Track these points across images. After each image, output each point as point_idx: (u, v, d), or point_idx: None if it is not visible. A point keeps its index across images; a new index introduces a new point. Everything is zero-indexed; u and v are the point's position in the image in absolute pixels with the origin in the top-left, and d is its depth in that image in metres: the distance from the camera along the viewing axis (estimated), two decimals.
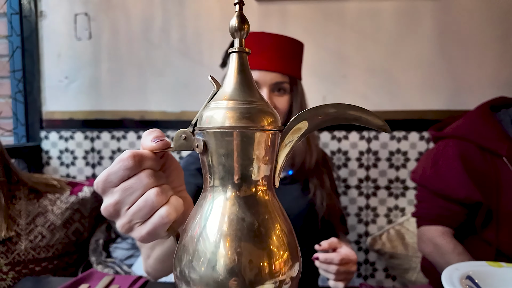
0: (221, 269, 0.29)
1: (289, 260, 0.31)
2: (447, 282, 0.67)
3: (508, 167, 1.00)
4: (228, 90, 0.33)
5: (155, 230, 0.32)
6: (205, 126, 0.32)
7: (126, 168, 0.32)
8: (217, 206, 0.32)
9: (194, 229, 0.32)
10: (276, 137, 0.33)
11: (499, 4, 1.40)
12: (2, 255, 1.12)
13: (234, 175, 0.32)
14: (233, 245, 0.29)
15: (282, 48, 0.88)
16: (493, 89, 1.34)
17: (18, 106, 1.53)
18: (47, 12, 1.54)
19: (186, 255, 0.31)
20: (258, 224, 0.31)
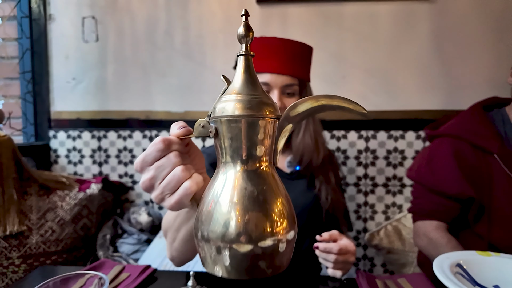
0: (232, 228, 0.35)
1: (286, 223, 0.37)
2: (438, 269, 0.71)
3: (500, 164, 1.03)
4: (237, 86, 0.39)
5: (181, 199, 0.40)
6: (217, 115, 0.39)
7: (158, 150, 0.40)
8: (228, 178, 0.38)
9: (210, 197, 0.39)
10: (274, 123, 0.39)
11: (493, 7, 1.44)
12: (15, 248, 1.17)
13: (241, 154, 0.38)
14: (241, 209, 0.36)
15: (292, 52, 0.92)
16: (488, 90, 1.39)
17: (27, 106, 1.58)
18: (55, 16, 1.59)
19: (205, 217, 0.38)
20: (258, 192, 0.37)
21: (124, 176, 1.60)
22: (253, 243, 0.35)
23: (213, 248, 0.36)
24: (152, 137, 1.58)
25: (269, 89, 0.91)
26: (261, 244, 0.35)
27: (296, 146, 0.98)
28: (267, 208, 0.37)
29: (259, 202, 0.37)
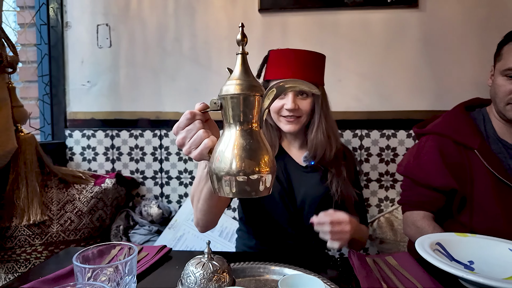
0: (233, 167, 0.53)
1: (265, 165, 0.54)
2: (419, 246, 0.82)
3: (480, 159, 1.12)
4: (235, 74, 0.56)
5: (202, 151, 0.61)
6: (223, 94, 0.55)
7: (187, 119, 0.62)
8: (230, 136, 0.55)
9: (219, 148, 0.56)
10: (260, 99, 0.56)
11: (477, 15, 1.56)
12: (37, 236, 1.27)
13: (238, 120, 0.55)
14: (238, 155, 0.53)
15: (304, 61, 1.03)
16: (472, 92, 1.50)
17: (45, 107, 1.70)
18: (72, 23, 1.71)
19: (216, 160, 0.55)
20: (248, 144, 0.54)
21: (135, 172, 1.71)
22: (245, 176, 0.53)
23: (222, 179, 0.54)
24: (162, 136, 1.69)
25: (285, 93, 1.02)
26: (250, 177, 0.53)
27: (310, 142, 1.08)
28: (254, 154, 0.54)
29: (249, 150, 0.54)
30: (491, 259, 0.82)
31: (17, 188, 1.25)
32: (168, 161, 1.70)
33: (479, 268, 0.79)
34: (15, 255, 1.25)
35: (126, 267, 0.60)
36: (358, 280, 0.73)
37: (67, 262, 0.80)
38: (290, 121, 1.05)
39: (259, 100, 0.55)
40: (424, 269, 0.78)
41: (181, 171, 1.70)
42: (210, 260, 0.63)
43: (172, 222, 1.55)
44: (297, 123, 1.06)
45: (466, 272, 0.68)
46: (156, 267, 0.82)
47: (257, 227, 1.12)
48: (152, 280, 0.76)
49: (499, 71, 1.07)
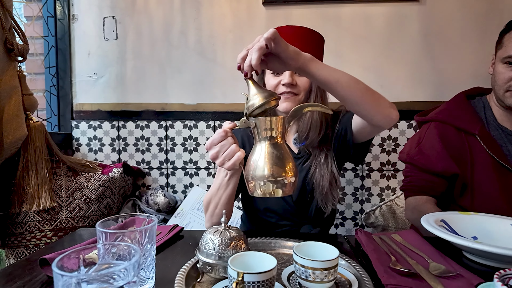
0: (265, 172, 0.65)
1: (290, 171, 0.66)
2: (425, 222, 0.85)
3: (480, 144, 1.16)
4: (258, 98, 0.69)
5: (235, 162, 0.73)
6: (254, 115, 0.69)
7: (221, 136, 0.74)
8: (261, 148, 0.68)
9: (253, 158, 0.68)
10: (284, 120, 0.68)
11: (476, 8, 1.60)
12: (47, 222, 1.29)
13: (267, 135, 0.68)
14: (268, 163, 0.66)
15: (304, 38, 0.99)
16: (471, 83, 1.52)
17: (52, 99, 1.72)
18: (78, 16, 1.73)
19: (251, 168, 0.67)
20: (277, 154, 0.67)
21: (141, 162, 1.74)
22: (275, 179, 0.65)
23: (257, 182, 0.66)
24: (167, 126, 1.72)
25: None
26: (278, 180, 0.65)
27: (304, 122, 1.05)
28: (280, 162, 0.66)
29: (277, 159, 0.66)
30: (494, 234, 0.85)
31: (27, 174, 1.27)
32: (173, 151, 1.73)
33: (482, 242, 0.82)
34: (25, 240, 1.26)
35: (147, 233, 0.62)
36: (367, 256, 0.75)
37: (78, 243, 0.82)
38: (287, 97, 1.01)
39: (283, 121, 0.68)
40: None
41: (186, 161, 1.73)
42: (227, 228, 0.66)
43: (178, 211, 1.57)
44: (294, 100, 1.02)
45: (473, 241, 0.71)
46: (169, 245, 0.85)
47: (256, 215, 1.13)
48: (169, 253, 0.79)
49: (499, 58, 1.11)
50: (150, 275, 0.61)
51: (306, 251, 0.62)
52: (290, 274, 0.65)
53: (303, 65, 0.74)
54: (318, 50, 1.06)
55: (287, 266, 0.68)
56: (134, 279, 0.46)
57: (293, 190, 0.67)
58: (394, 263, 0.68)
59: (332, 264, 0.57)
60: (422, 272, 0.65)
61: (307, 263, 0.57)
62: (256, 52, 0.67)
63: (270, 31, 0.68)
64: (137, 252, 0.48)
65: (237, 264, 0.55)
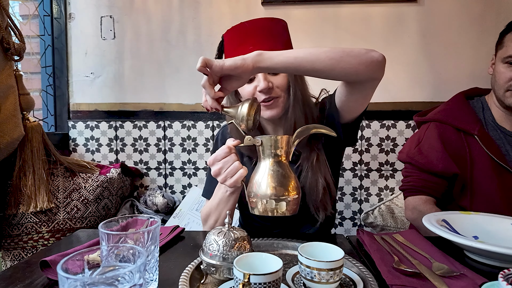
0: (268, 191, 0.66)
1: (293, 189, 0.67)
2: (426, 221, 0.85)
3: (479, 144, 1.16)
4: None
5: (237, 179, 0.72)
6: (261, 136, 0.69)
7: (225, 152, 0.73)
8: (265, 166, 0.69)
9: (256, 175, 0.69)
10: (289, 139, 0.69)
11: (474, 9, 1.61)
12: (44, 223, 1.27)
13: (272, 154, 0.69)
14: (271, 181, 0.67)
15: (264, 30, 0.86)
16: (469, 83, 1.52)
17: (48, 98, 1.70)
18: (75, 15, 1.72)
19: (254, 186, 0.68)
20: (280, 173, 0.67)
21: (139, 163, 1.72)
22: (278, 198, 0.66)
23: (259, 200, 0.67)
24: (166, 127, 1.71)
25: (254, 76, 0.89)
26: (281, 198, 0.66)
27: (287, 120, 0.95)
28: (284, 181, 0.67)
29: (280, 178, 0.67)
30: (494, 234, 0.85)
31: (24, 175, 1.25)
32: (171, 152, 1.72)
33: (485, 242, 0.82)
34: (21, 242, 1.25)
35: (150, 235, 0.61)
36: (369, 256, 0.75)
37: (76, 245, 0.80)
38: (268, 105, 0.91)
39: (288, 140, 0.69)
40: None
41: (184, 161, 1.72)
42: (231, 229, 0.65)
43: (177, 212, 1.56)
44: (276, 106, 0.92)
45: (475, 241, 0.71)
46: (171, 246, 0.84)
47: (254, 222, 1.12)
48: (171, 254, 0.78)
49: (500, 58, 1.12)
50: (153, 277, 0.60)
51: (311, 252, 0.61)
52: (294, 274, 0.65)
53: (255, 65, 0.68)
54: (283, 38, 0.92)
55: (291, 266, 0.68)
56: (140, 282, 0.45)
57: (296, 209, 0.67)
58: (397, 263, 0.68)
59: (337, 265, 0.57)
60: (426, 272, 0.65)
61: (313, 263, 0.57)
62: (205, 92, 0.70)
63: (199, 60, 0.66)
64: (142, 254, 0.47)
65: (243, 265, 0.54)
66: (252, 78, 0.90)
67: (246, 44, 0.84)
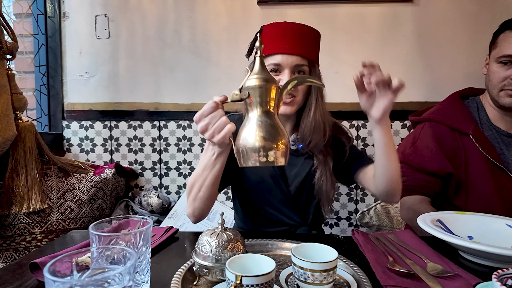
0: (257, 142, 0.63)
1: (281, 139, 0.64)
2: (421, 221, 0.85)
3: (474, 143, 1.17)
4: (256, 70, 0.67)
5: (225, 135, 0.70)
6: (248, 86, 0.66)
7: (211, 107, 0.72)
8: (254, 118, 0.65)
9: (246, 127, 0.66)
10: (277, 90, 0.67)
11: (469, 10, 1.62)
12: (37, 224, 1.26)
13: (260, 105, 0.65)
14: (260, 131, 0.64)
15: (301, 34, 0.97)
16: (464, 83, 1.53)
17: (42, 98, 1.68)
18: (69, 13, 1.70)
19: (244, 138, 0.65)
20: (268, 123, 0.65)
21: (134, 163, 1.71)
22: (267, 149, 0.63)
23: (249, 153, 0.64)
24: (161, 126, 1.70)
25: (281, 69, 0.97)
26: (271, 150, 0.63)
27: (305, 125, 1.02)
28: (273, 131, 0.64)
29: (269, 128, 0.64)
30: (489, 234, 0.85)
31: (16, 175, 1.24)
32: (167, 152, 1.71)
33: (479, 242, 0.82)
34: (14, 243, 1.23)
35: (142, 236, 0.61)
36: (363, 256, 0.75)
37: (70, 246, 0.79)
38: (286, 102, 0.99)
39: (276, 90, 0.67)
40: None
41: (180, 162, 1.71)
42: (224, 230, 0.65)
43: (172, 212, 1.55)
44: (293, 104, 1.00)
45: (469, 241, 0.71)
46: (164, 247, 0.83)
47: (253, 211, 1.10)
48: (164, 255, 0.77)
49: (494, 58, 1.12)
50: (145, 279, 0.59)
51: (305, 253, 0.61)
52: (288, 276, 0.64)
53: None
54: (316, 47, 1.04)
55: (285, 268, 0.67)
56: (129, 284, 0.44)
57: (285, 159, 0.65)
58: (392, 264, 0.68)
59: (331, 266, 0.56)
60: (420, 273, 0.65)
61: (306, 265, 0.56)
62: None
63: None
64: (132, 256, 0.46)
65: (235, 267, 0.54)
66: (278, 70, 0.98)
67: (282, 42, 0.96)
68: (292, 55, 0.96)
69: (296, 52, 0.96)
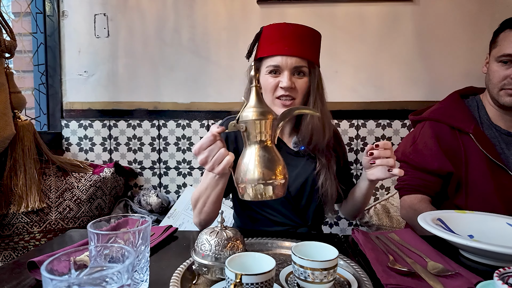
0: (256, 175, 0.64)
1: (280, 173, 0.66)
2: (422, 220, 0.84)
3: (474, 142, 1.16)
4: (251, 103, 0.68)
5: (225, 167, 0.72)
6: (245, 119, 0.67)
7: (209, 140, 0.72)
8: (252, 151, 0.67)
9: (244, 161, 0.67)
10: (273, 122, 0.67)
11: (469, 9, 1.61)
12: (36, 223, 1.26)
13: (257, 138, 0.67)
14: (259, 166, 0.65)
15: (300, 35, 0.96)
16: (464, 82, 1.53)
17: (41, 97, 1.67)
18: (68, 12, 1.70)
19: (242, 171, 0.66)
20: (267, 157, 0.66)
21: (133, 162, 1.70)
22: (265, 182, 0.64)
23: (248, 185, 0.65)
24: (160, 126, 1.69)
25: (280, 71, 0.96)
26: (268, 182, 0.64)
27: (305, 126, 1.02)
28: (271, 165, 0.65)
29: (267, 162, 0.65)
30: (489, 233, 0.85)
31: (14, 175, 1.24)
32: (166, 151, 1.70)
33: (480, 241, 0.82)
34: (12, 243, 1.23)
35: (141, 234, 0.60)
36: (364, 255, 0.74)
37: (69, 245, 0.79)
38: (286, 105, 0.98)
39: (272, 122, 0.68)
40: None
41: (179, 161, 1.70)
42: (223, 229, 0.64)
43: (171, 212, 1.55)
44: (291, 106, 0.98)
45: (470, 240, 0.71)
46: (163, 246, 0.83)
47: (252, 211, 1.10)
48: (163, 254, 0.77)
49: (494, 57, 1.12)
50: (144, 278, 0.59)
51: (305, 251, 0.60)
52: (288, 274, 0.64)
53: None
54: (316, 48, 1.04)
55: (285, 266, 0.67)
56: (128, 282, 0.44)
57: (283, 192, 0.67)
58: (392, 263, 0.68)
59: (331, 264, 0.56)
60: (421, 271, 0.65)
61: (306, 263, 0.56)
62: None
63: None
64: (131, 254, 0.46)
65: (235, 266, 0.53)
66: (277, 71, 0.98)
67: (281, 44, 0.96)
68: (291, 57, 0.95)
69: (295, 53, 0.95)
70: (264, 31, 1.00)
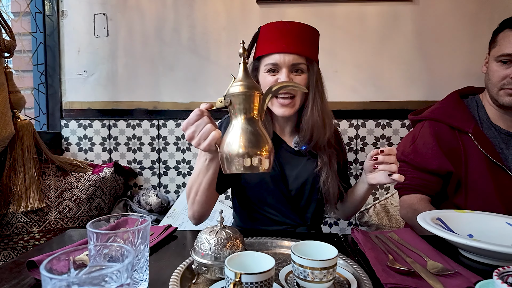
0: (241, 149, 0.63)
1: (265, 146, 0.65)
2: (421, 220, 0.84)
3: (474, 142, 1.17)
4: (239, 77, 0.68)
5: (211, 143, 0.70)
6: (231, 93, 0.67)
7: (196, 115, 0.72)
8: (237, 125, 0.66)
9: (229, 134, 0.66)
10: (260, 96, 0.67)
11: (469, 9, 1.62)
12: (35, 223, 1.25)
13: (244, 112, 0.66)
14: (243, 139, 0.64)
15: (299, 33, 0.96)
16: (464, 82, 1.53)
17: (40, 97, 1.67)
18: (68, 12, 1.69)
19: (227, 145, 0.65)
20: (251, 130, 0.65)
21: (132, 162, 1.70)
22: (250, 155, 0.63)
23: (232, 159, 0.64)
24: (160, 125, 1.69)
25: (278, 69, 0.97)
26: (254, 156, 0.63)
27: (305, 123, 1.02)
28: (256, 139, 0.64)
29: (251, 134, 0.64)
30: (489, 232, 0.85)
31: (14, 174, 1.23)
32: (166, 151, 1.70)
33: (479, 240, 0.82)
34: (12, 242, 1.23)
35: (140, 234, 0.60)
36: (363, 255, 0.74)
37: (68, 244, 0.79)
38: (285, 104, 0.98)
39: (259, 97, 0.68)
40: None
41: (179, 161, 1.70)
42: (223, 228, 0.64)
43: (171, 211, 1.55)
44: (291, 106, 0.99)
45: (470, 239, 0.71)
46: (163, 245, 0.83)
47: (252, 210, 1.10)
48: (162, 253, 0.77)
49: (493, 57, 1.12)
50: (143, 277, 0.59)
51: (304, 251, 0.60)
52: (287, 274, 0.64)
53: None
54: (314, 45, 1.04)
55: (284, 266, 0.67)
56: (127, 282, 0.44)
57: (269, 166, 0.65)
58: (392, 262, 0.68)
59: (331, 264, 0.56)
60: (420, 271, 0.65)
61: (306, 262, 0.56)
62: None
63: None
64: (130, 254, 0.46)
65: (234, 265, 0.53)
66: (275, 69, 0.98)
67: (279, 41, 0.96)
68: (289, 54, 0.95)
69: (293, 50, 0.95)
70: (262, 30, 1.01)
